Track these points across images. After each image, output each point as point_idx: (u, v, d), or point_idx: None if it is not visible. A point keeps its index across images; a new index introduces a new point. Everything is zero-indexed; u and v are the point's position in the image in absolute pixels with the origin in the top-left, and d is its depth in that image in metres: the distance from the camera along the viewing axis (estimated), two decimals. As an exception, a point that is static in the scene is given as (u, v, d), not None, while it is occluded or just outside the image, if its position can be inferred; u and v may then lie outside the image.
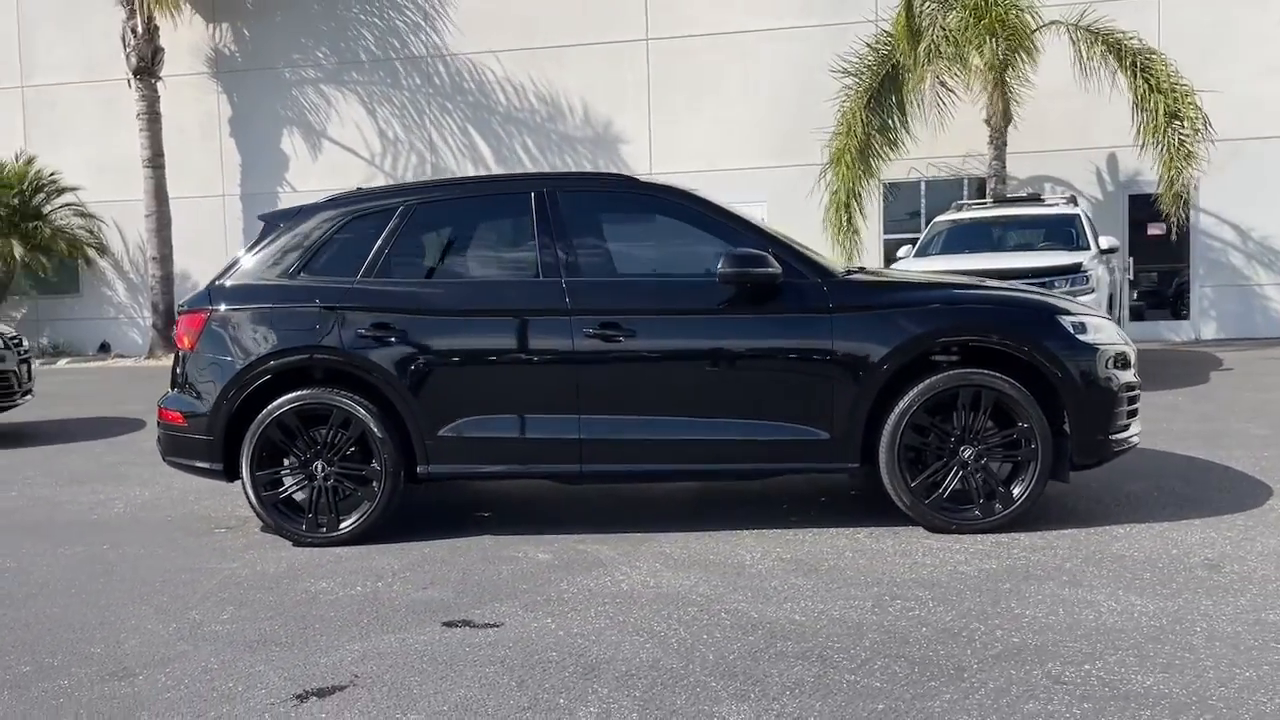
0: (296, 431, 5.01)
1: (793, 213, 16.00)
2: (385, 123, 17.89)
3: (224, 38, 18.40)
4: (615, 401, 4.96)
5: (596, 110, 17.22)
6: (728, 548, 4.77)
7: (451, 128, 17.73)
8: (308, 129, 18.16)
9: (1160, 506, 5.25)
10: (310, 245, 5.21)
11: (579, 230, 5.12)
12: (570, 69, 17.21)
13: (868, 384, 4.83)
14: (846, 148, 14.28)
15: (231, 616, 4.05)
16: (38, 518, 5.99)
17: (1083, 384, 4.81)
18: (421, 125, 17.81)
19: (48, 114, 18.98)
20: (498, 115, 17.57)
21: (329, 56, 18.03)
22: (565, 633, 3.73)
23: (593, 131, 17.28)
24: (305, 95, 18.16)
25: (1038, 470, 4.80)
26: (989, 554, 4.53)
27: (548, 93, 17.38)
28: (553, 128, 17.40)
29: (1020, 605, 3.86)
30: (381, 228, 5.19)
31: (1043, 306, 4.98)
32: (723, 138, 16.69)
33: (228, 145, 18.45)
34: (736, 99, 16.62)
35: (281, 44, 18.17)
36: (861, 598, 4.01)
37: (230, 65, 18.42)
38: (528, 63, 17.34)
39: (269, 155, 18.22)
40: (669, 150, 16.95)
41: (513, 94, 17.46)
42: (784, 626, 3.72)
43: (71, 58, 18.72)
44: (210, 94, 18.43)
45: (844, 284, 4.96)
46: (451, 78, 17.71)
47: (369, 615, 4.01)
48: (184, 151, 18.12)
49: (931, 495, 4.85)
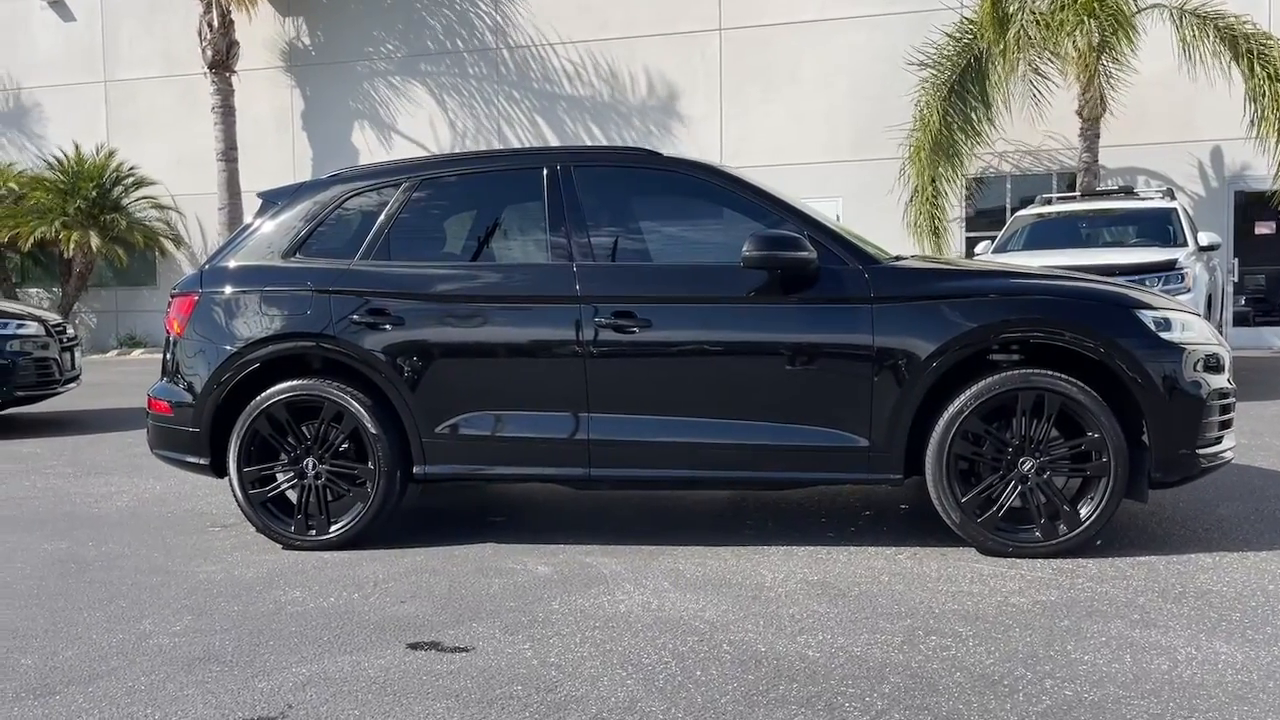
0: (287, 426, 4.63)
1: (870, 210, 15.32)
2: (454, 114, 17.67)
3: (298, 31, 18.40)
4: (628, 399, 4.46)
5: (666, 102, 16.73)
6: (749, 565, 4.24)
7: (519, 118, 17.42)
8: (378, 121, 18.05)
9: (1258, 534, 4.56)
10: (308, 225, 4.82)
11: (594, 209, 4.63)
12: (640, 59, 16.76)
13: (913, 385, 4.25)
14: (923, 142, 13.54)
15: (185, 628, 3.67)
16: (39, 509, 5.75)
17: (1165, 389, 4.16)
18: (490, 115, 17.54)
19: (129, 108, 19.23)
20: (564, 104, 17.20)
21: (399, 48, 17.89)
22: (540, 662, 3.25)
23: (662, 123, 16.79)
24: (376, 88, 18.05)
25: (1110, 488, 4.17)
26: (1048, 583, 3.91)
27: (616, 83, 16.95)
28: (620, 118, 16.97)
29: (1078, 648, 3.25)
30: (383, 206, 4.78)
31: (1120, 298, 4.33)
32: (797, 131, 16.06)
33: (300, 138, 18.45)
34: (812, 91, 15.97)
35: (353, 37, 18.09)
36: (890, 631, 3.44)
37: (303, 59, 18.42)
38: (597, 53, 16.95)
39: (340, 148, 18.16)
40: (741, 144, 16.38)
41: (580, 84, 17.08)
42: (792, 664, 3.18)
43: (151, 53, 18.93)
44: (284, 87, 18.45)
45: (888, 271, 4.39)
46: (519, 67, 17.41)
47: (331, 632, 3.58)
48: (258, 145, 18.16)
49: (985, 513, 4.25)
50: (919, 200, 14.19)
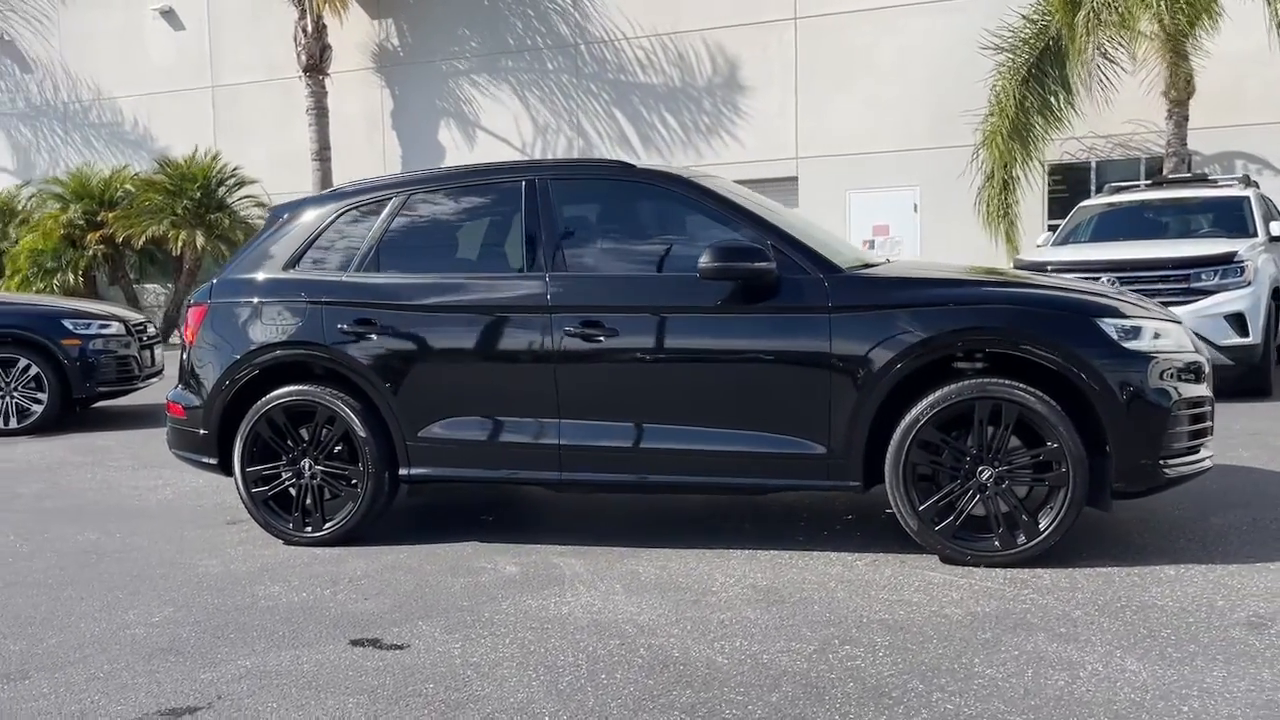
0: (285, 429, 4.93)
1: (947, 199, 15.08)
2: (534, 109, 18.00)
3: (387, 33, 18.99)
4: (596, 406, 4.61)
5: (740, 92, 16.72)
6: (707, 569, 4.34)
7: (596, 109, 17.64)
8: (462, 119, 18.52)
9: (1239, 546, 4.44)
10: (307, 238, 5.11)
11: (569, 222, 4.79)
12: (714, 49, 16.78)
13: (869, 393, 4.29)
14: (998, 129, 13.22)
15: (163, 619, 3.98)
16: (89, 501, 6.21)
17: (1126, 399, 4.10)
18: (568, 109, 17.81)
19: (233, 112, 20.16)
20: (639, 95, 17.34)
21: (482, 46, 18.30)
22: (463, 661, 3.44)
23: (735, 113, 16.79)
24: (460, 86, 18.51)
25: (1069, 498, 4.13)
26: (993, 594, 3.92)
27: (690, 74, 17.01)
28: (695, 108, 17.03)
29: (985, 662, 3.28)
30: (375, 220, 5.03)
31: (1081, 306, 4.27)
32: (873, 120, 15.86)
33: (390, 137, 19.06)
34: (887, 79, 15.73)
35: (439, 37, 18.58)
36: (808, 639, 3.52)
37: (392, 60, 19.00)
38: (671, 44, 17.04)
39: (427, 146, 18.69)
40: (815, 133, 16.26)
41: (655, 75, 17.19)
42: (698, 670, 3.29)
43: (254, 58, 19.79)
44: (374, 88, 19.08)
45: (848, 280, 4.42)
46: (596, 61, 17.62)
47: (289, 626, 3.85)
48: (350, 144, 18.84)
49: (943, 521, 4.26)
50: (991, 188, 13.87)
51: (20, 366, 8.93)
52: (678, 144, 17.15)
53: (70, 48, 21.58)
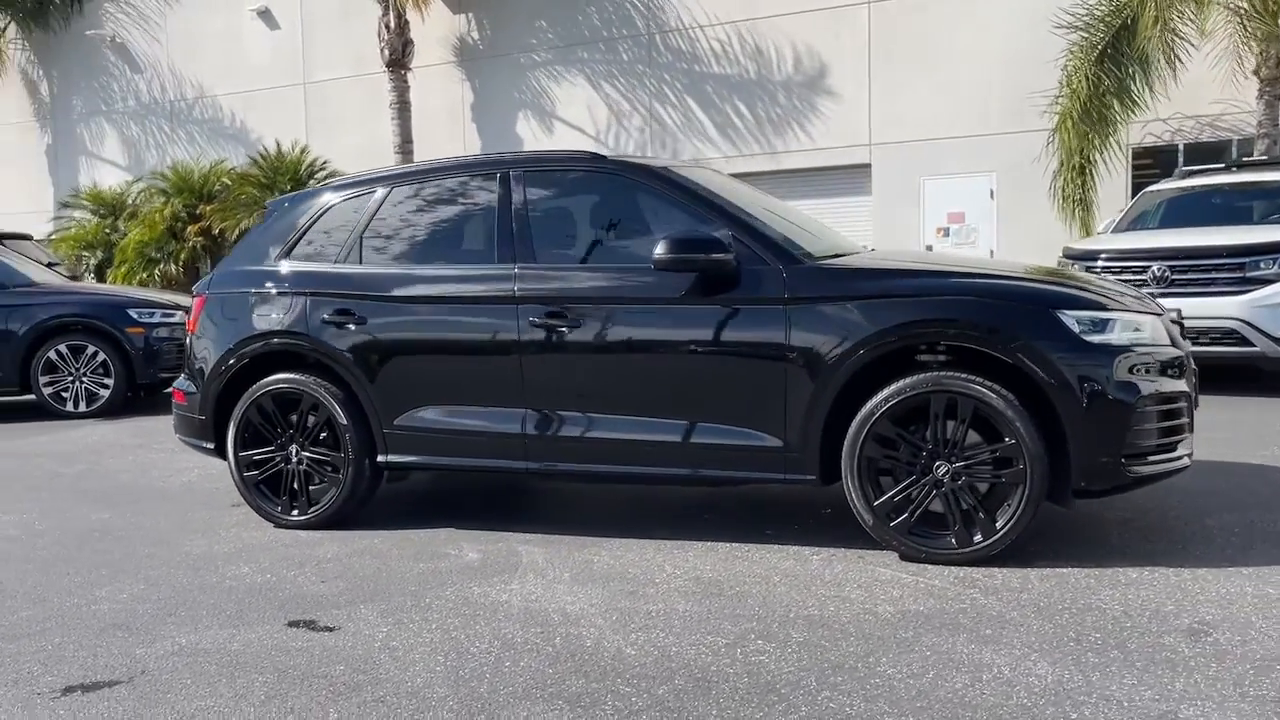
0: (274, 415, 5.10)
1: (1025, 184, 14.57)
2: (609, 98, 18.05)
3: (467, 27, 19.28)
4: (559, 397, 4.65)
5: (813, 77, 16.45)
6: (660, 560, 4.34)
7: (670, 98, 17.59)
8: (539, 110, 18.69)
9: (1224, 548, 4.23)
10: (298, 230, 5.27)
11: (540, 213, 4.83)
12: (787, 36, 16.54)
13: (824, 386, 4.22)
14: (1069, 110, 12.71)
15: (130, 596, 4.18)
16: (118, 483, 6.52)
17: (1085, 394, 3.94)
18: (642, 98, 17.81)
19: (323, 107, 20.76)
20: (713, 83, 17.22)
21: (559, 38, 18.43)
22: (383, 645, 3.52)
23: (808, 99, 16.53)
24: (537, 78, 18.69)
25: (1026, 495, 4.00)
26: (935, 592, 3.82)
27: (763, 61, 16.81)
28: (767, 95, 16.83)
29: (892, 662, 3.21)
30: (359, 213, 5.16)
31: (1040, 297, 4.12)
32: (948, 104, 15.42)
33: (470, 130, 19.36)
34: (963, 61, 15.28)
35: (517, 30, 18.78)
36: (727, 633, 3.50)
37: (472, 53, 19.30)
38: (746, 32, 16.86)
39: (505, 138, 18.93)
40: (889, 118, 15.90)
41: (728, 63, 17.04)
42: (602, 660, 3.31)
43: (343, 55, 20.32)
44: (455, 81, 19.40)
45: (806, 271, 4.34)
46: (670, 50, 17.57)
47: (239, 606, 3.99)
48: (432, 137, 19.20)
49: (899, 517, 4.17)
50: (1067, 172, 13.35)
51: (89, 353, 9.43)
52: (751, 132, 17.00)
53: (176, 48, 22.51)
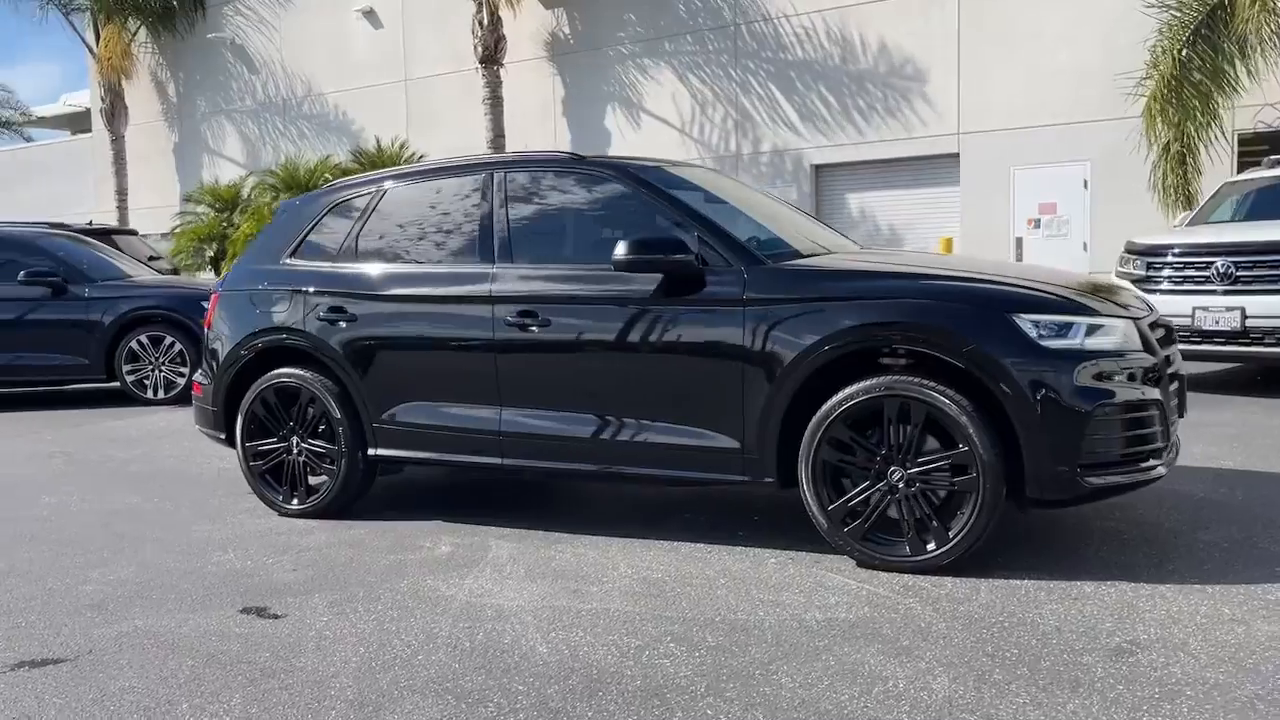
0: (277, 408, 5.32)
1: (1122, 174, 13.99)
2: (695, 90, 18.03)
3: (558, 22, 19.51)
4: (531, 394, 4.73)
5: (900, 65, 16.09)
6: (618, 558, 4.38)
7: (755, 88, 17.46)
8: (627, 103, 18.80)
9: (1204, 564, 4.03)
10: (303, 230, 5.47)
11: (520, 214, 4.90)
12: (874, 23, 16.22)
13: (779, 389, 4.18)
14: (1157, 94, 12.12)
15: (118, 579, 4.43)
16: (160, 468, 6.89)
17: (1039, 401, 3.81)
18: (727, 89, 17.72)
19: (423, 104, 21.33)
20: (797, 72, 17.01)
21: (645, 31, 18.49)
22: (316, 634, 3.66)
23: (895, 87, 16.17)
24: (625, 71, 18.79)
25: (979, 504, 3.89)
26: (871, 601, 3.76)
27: (849, 49, 16.52)
28: (854, 84, 16.53)
29: (791, 671, 3.18)
30: (357, 213, 5.33)
31: (994, 301, 3.98)
32: (1040, 91, 14.89)
33: (560, 124, 19.61)
34: (1054, 46, 14.72)
35: (606, 24, 18.91)
36: (646, 635, 3.52)
37: (563, 48, 19.52)
38: (831, 20, 16.60)
39: (594, 132, 19.12)
40: (978, 106, 15.44)
41: (813, 51, 16.81)
42: (510, 659, 3.37)
43: (441, 52, 20.82)
44: (546, 77, 19.67)
45: (765, 273, 4.30)
46: (756, 39, 17.43)
47: (206, 591, 4.20)
48: (524, 132, 19.53)
49: (854, 522, 4.11)
50: (1165, 161, 12.73)
51: (166, 343, 9.95)
52: (836, 121, 16.74)
53: (289, 49, 23.44)
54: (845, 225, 17.10)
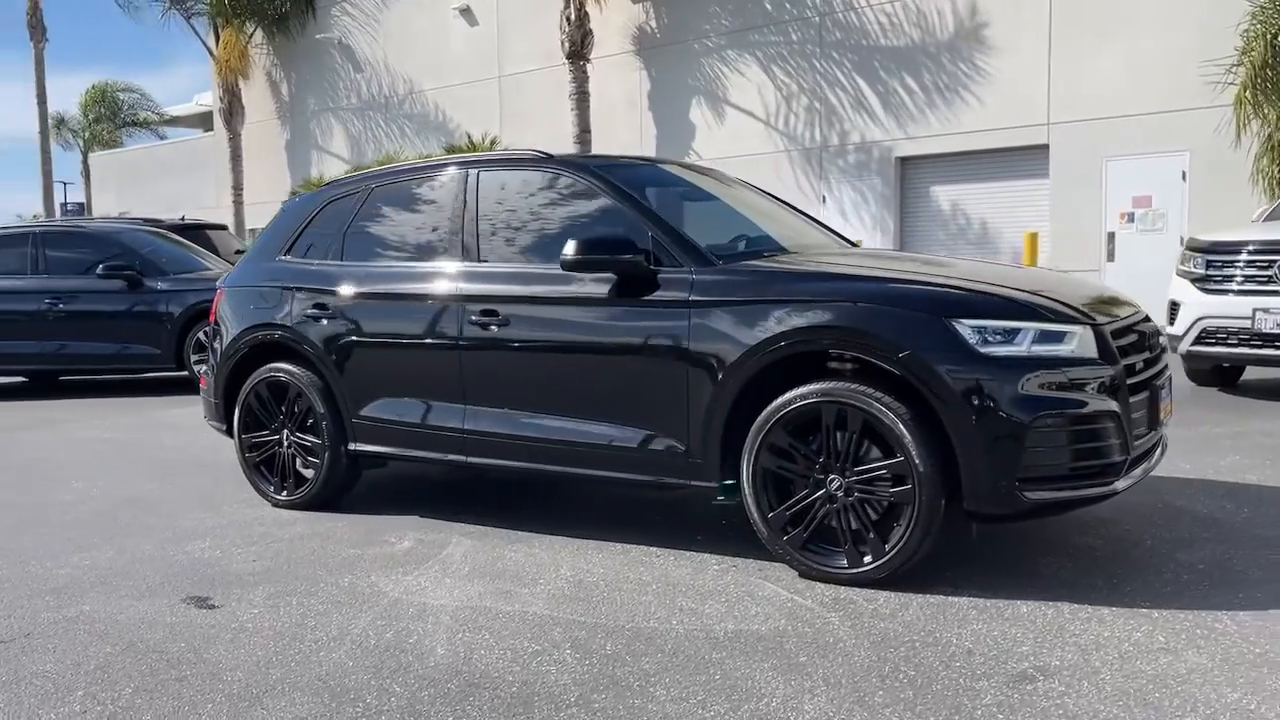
0: (268, 402, 5.47)
1: (1223, 166, 13.20)
2: (779, 81, 17.75)
3: (646, 16, 19.48)
4: (491, 393, 4.74)
5: (988, 53, 15.50)
6: (565, 559, 4.36)
7: (839, 78, 17.09)
8: (711, 96, 18.65)
9: (1160, 588, 3.78)
10: (298, 229, 5.60)
11: (489, 213, 4.91)
12: (961, 9, 15.66)
13: (721, 392, 4.08)
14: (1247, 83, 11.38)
15: (91, 563, 4.62)
16: (192, 456, 7.14)
17: (975, 411, 3.62)
18: (811, 79, 17.40)
19: (516, 100, 21.60)
20: (881, 60, 16.56)
21: (731, 24, 18.30)
22: (238, 627, 3.73)
23: (982, 75, 15.59)
24: (710, 64, 18.64)
25: (914, 516, 3.72)
26: (792, 613, 3.64)
27: (935, 36, 16.00)
28: (940, 71, 16.01)
29: (670, 684, 3.10)
30: (345, 212, 5.43)
31: (933, 304, 3.79)
32: (1135, 77, 14.14)
33: (646, 118, 19.58)
34: (1154, 29, 13.95)
35: (693, 17, 18.79)
36: (549, 640, 3.48)
37: (650, 42, 19.47)
38: (918, 6, 16.11)
39: (680, 126, 19.03)
40: (1069, 95, 14.76)
41: (899, 39, 16.35)
42: (406, 659, 3.38)
43: (532, 49, 21.04)
44: (633, 71, 19.66)
45: (712, 274, 4.20)
46: (840, 28, 17.04)
47: (163, 578, 4.33)
48: (611, 127, 19.59)
49: (793, 531, 3.99)
50: (1269, 151, 11.96)
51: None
52: (921, 111, 16.25)
53: (391, 48, 24.04)
54: (929, 220, 16.63)
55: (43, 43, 34.80)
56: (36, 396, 10.88)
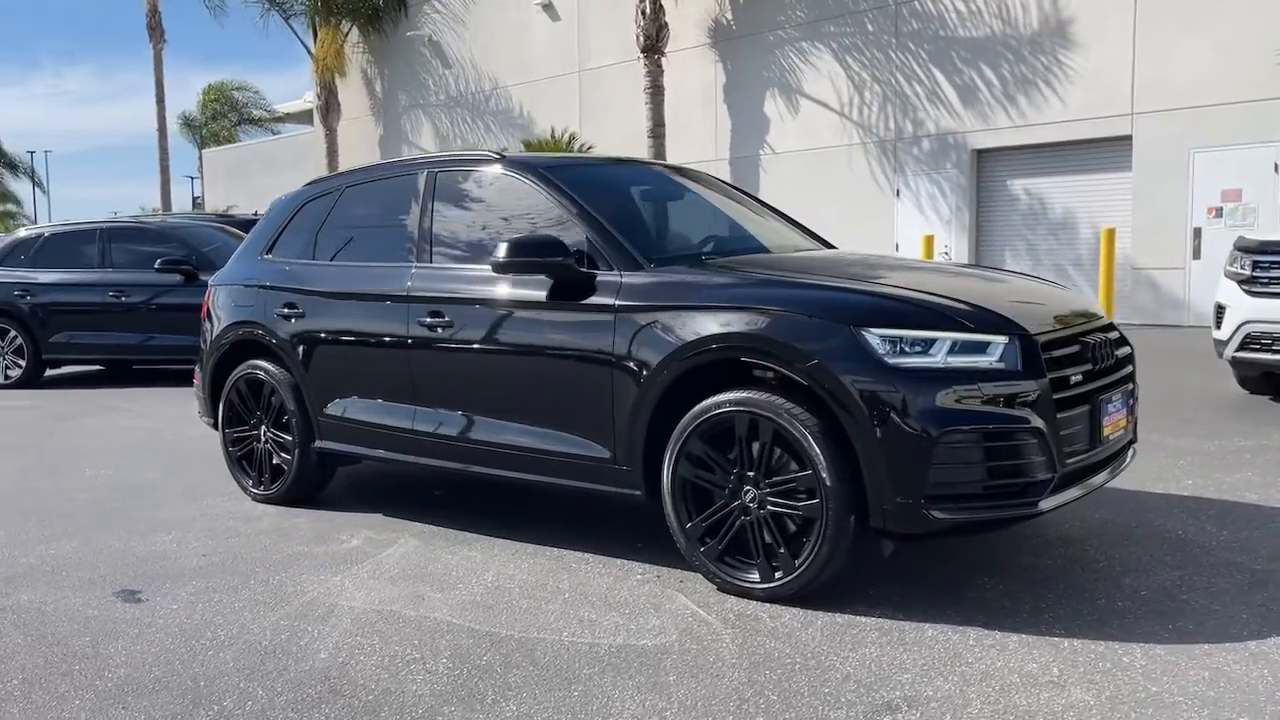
0: (248, 399, 5.58)
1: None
2: (853, 72, 17.37)
3: (721, 8, 19.28)
4: (437, 395, 4.73)
5: (1069, 41, 14.85)
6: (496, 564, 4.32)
7: (914, 69, 16.61)
8: (785, 88, 18.36)
9: (1080, 614, 3.53)
10: (279, 228, 5.69)
11: (442, 213, 4.90)
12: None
13: (641, 399, 3.99)
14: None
15: (57, 552, 4.76)
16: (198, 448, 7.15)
17: (878, 423, 3.44)
18: (885, 70, 16.96)
19: (595, 94, 21.65)
20: (959, 50, 16.04)
21: (806, 15, 17.96)
22: (148, 623, 3.80)
23: (1063, 66, 14.95)
24: (785, 55, 18.35)
25: (823, 532, 3.57)
26: (689, 629, 3.52)
27: (1014, 25, 15.41)
28: (1018, 60, 15.41)
29: (522, 702, 3.03)
30: (321, 211, 5.49)
31: (844, 311, 3.60)
32: (1226, 64, 13.37)
33: (721, 111, 19.40)
34: (1246, 13, 13.16)
35: (768, 8, 18.52)
36: (428, 649, 3.44)
37: (725, 34, 19.27)
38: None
39: (754, 118, 18.80)
40: (1154, 83, 14.05)
41: (976, 29, 15.80)
42: (282, 661, 3.39)
43: (611, 43, 21.05)
44: (709, 64, 19.49)
45: (641, 278, 4.10)
46: (917, 18, 16.56)
47: (108, 569, 4.45)
48: (687, 120, 19.48)
49: (709, 543, 3.87)
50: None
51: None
52: (998, 101, 15.68)
53: (477, 44, 24.36)
54: (1006, 214, 16.05)
55: (161, 44, 36.32)
56: (110, 384, 11.34)
